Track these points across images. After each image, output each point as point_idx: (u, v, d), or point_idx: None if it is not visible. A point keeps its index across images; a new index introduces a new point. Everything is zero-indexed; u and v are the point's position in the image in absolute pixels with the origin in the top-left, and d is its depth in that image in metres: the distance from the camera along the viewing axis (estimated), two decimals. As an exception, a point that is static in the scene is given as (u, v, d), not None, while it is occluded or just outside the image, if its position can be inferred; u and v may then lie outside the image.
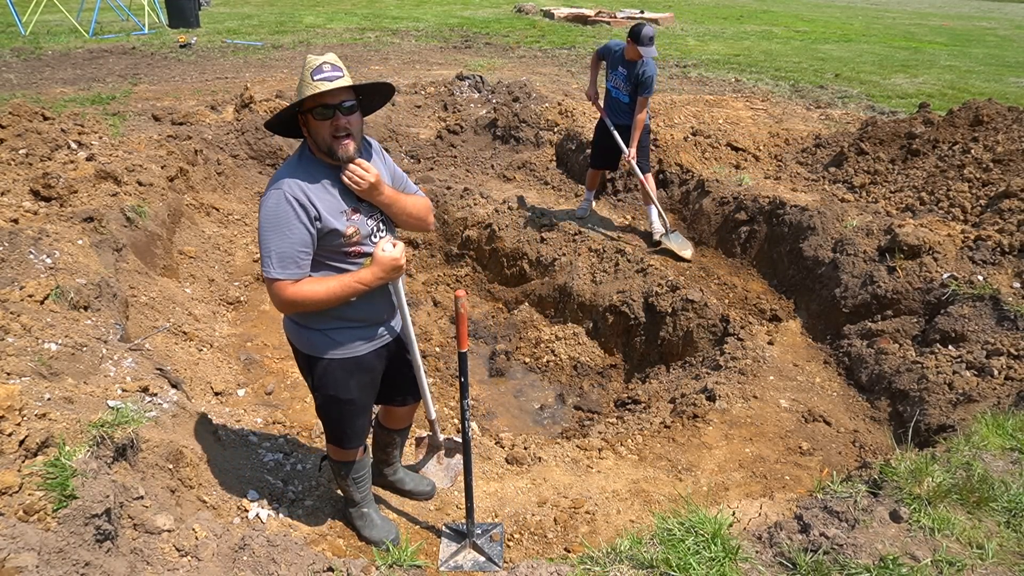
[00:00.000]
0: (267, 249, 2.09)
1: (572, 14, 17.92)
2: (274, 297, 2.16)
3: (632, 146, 5.25)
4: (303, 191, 2.09)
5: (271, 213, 2.08)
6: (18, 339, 2.77)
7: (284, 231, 2.08)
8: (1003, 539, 2.19)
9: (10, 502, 1.89)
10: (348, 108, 2.10)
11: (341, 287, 2.17)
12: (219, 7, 19.43)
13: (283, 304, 2.16)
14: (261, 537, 2.29)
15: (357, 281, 2.19)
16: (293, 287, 2.13)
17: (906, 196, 5.45)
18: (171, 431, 2.75)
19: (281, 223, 2.08)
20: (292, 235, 2.08)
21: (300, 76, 2.08)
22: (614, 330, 5.08)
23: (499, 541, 2.82)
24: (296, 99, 2.09)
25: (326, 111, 2.06)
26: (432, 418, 2.85)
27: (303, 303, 2.16)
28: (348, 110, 2.10)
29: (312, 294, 2.14)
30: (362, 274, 2.20)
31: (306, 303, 2.16)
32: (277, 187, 2.10)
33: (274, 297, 2.16)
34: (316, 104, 2.06)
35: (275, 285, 2.12)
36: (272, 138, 7.10)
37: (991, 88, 10.21)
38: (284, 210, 2.07)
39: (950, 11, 24.44)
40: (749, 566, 2.12)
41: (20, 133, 5.18)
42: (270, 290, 2.15)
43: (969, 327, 3.81)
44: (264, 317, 4.76)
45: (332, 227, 2.14)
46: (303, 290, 2.13)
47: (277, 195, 2.08)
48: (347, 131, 2.10)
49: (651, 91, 5.08)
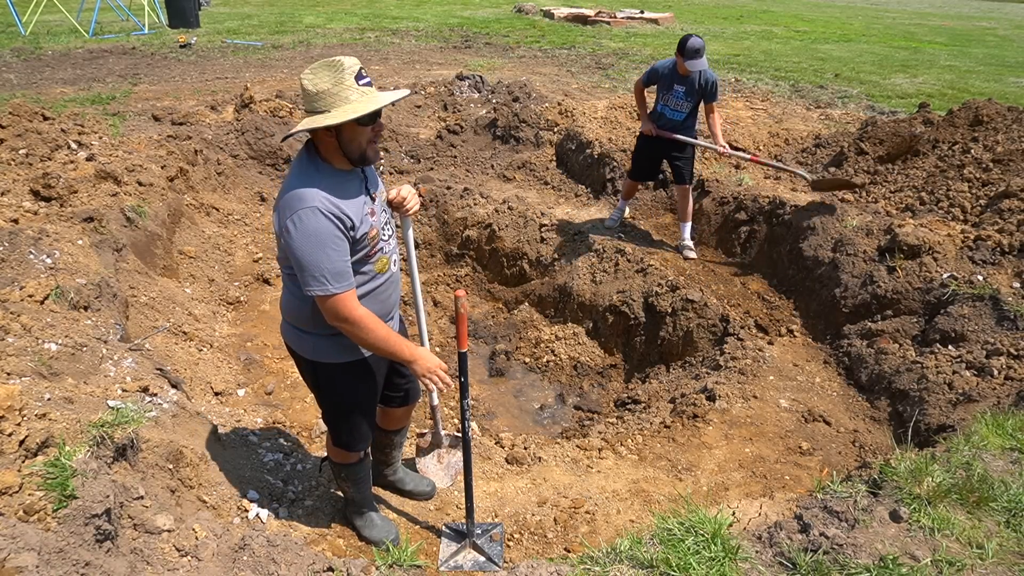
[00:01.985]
0: (317, 268, 2.03)
1: (572, 14, 17.93)
2: (334, 312, 2.11)
3: (720, 140, 5.12)
4: (333, 203, 2.05)
5: (312, 231, 2.01)
6: (18, 339, 2.77)
7: (329, 248, 2.03)
8: (1003, 539, 2.19)
9: (10, 502, 1.89)
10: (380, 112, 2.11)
11: (388, 343, 2.18)
12: (219, 7, 19.42)
13: (343, 320, 2.12)
14: (261, 537, 2.29)
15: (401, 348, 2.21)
16: (360, 309, 2.12)
17: (906, 196, 5.45)
18: (171, 431, 2.75)
19: (325, 240, 2.02)
20: (337, 250, 2.05)
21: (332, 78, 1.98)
22: (614, 330, 5.08)
23: (499, 541, 2.82)
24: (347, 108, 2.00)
25: (371, 117, 2.05)
26: (435, 404, 2.85)
27: (359, 329, 2.13)
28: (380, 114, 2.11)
29: (370, 330, 2.13)
30: (405, 348, 2.22)
31: (361, 331, 2.14)
32: (308, 203, 2.02)
33: (334, 312, 2.11)
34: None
35: (336, 299, 2.07)
36: (272, 138, 7.10)
37: (991, 88, 10.21)
38: (325, 227, 2.02)
39: (950, 11, 24.44)
40: (749, 566, 2.12)
41: (20, 133, 5.18)
42: (327, 305, 2.09)
43: (969, 327, 3.81)
44: (264, 317, 4.76)
45: (362, 232, 2.14)
46: (367, 320, 2.13)
47: (312, 212, 2.01)
48: (379, 135, 2.13)
49: (717, 97, 5.01)
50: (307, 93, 2.01)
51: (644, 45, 14.05)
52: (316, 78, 1.99)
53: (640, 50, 13.39)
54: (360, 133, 2.07)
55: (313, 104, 2.01)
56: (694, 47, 4.69)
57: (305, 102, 2.04)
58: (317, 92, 1.99)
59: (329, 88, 1.98)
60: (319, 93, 1.99)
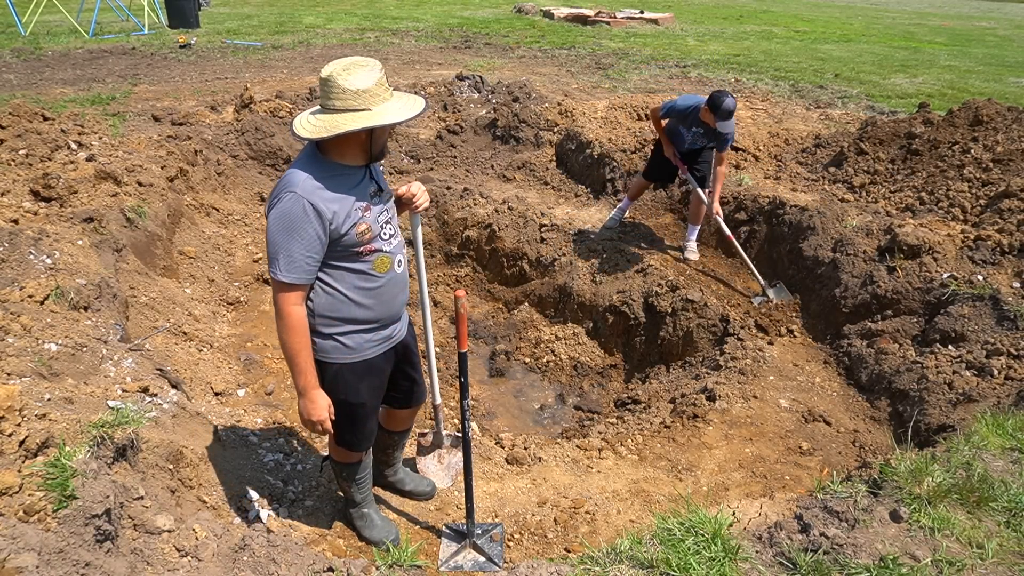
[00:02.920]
0: (276, 249, 2.08)
1: (572, 14, 17.93)
2: (274, 295, 2.17)
3: (715, 202, 5.03)
4: (319, 195, 2.07)
5: (285, 215, 2.06)
6: (18, 339, 2.77)
7: (295, 235, 2.06)
8: (1003, 539, 2.19)
9: (10, 502, 1.89)
10: None
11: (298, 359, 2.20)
12: (219, 7, 19.43)
13: (277, 308, 2.16)
14: (261, 537, 2.29)
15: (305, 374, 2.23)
16: (293, 307, 2.15)
17: (906, 196, 5.45)
18: (171, 431, 2.75)
19: (294, 227, 2.06)
20: (303, 240, 2.07)
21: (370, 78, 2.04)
22: (614, 330, 5.08)
23: (499, 541, 2.82)
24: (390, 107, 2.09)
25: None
26: (437, 403, 2.85)
27: (281, 323, 2.16)
28: None
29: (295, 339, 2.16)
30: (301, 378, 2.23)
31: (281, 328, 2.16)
32: (291, 188, 2.06)
33: (274, 295, 2.17)
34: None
35: (278, 286, 2.13)
36: (272, 138, 7.10)
37: (991, 88, 10.22)
38: (298, 214, 2.05)
39: (950, 11, 24.44)
40: (749, 566, 2.12)
41: (20, 133, 5.18)
42: (273, 288, 2.16)
43: (969, 327, 3.81)
44: (264, 317, 4.76)
45: (347, 228, 2.15)
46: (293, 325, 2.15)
47: (293, 198, 2.05)
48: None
49: (727, 147, 4.88)
50: (345, 92, 2.03)
51: (644, 45, 14.05)
52: (354, 78, 2.03)
53: (640, 50, 13.39)
54: (386, 130, 2.17)
55: (350, 103, 2.04)
56: (728, 109, 4.48)
57: (338, 100, 2.04)
58: (357, 91, 2.03)
59: (370, 88, 2.04)
60: (359, 92, 2.03)
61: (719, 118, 4.54)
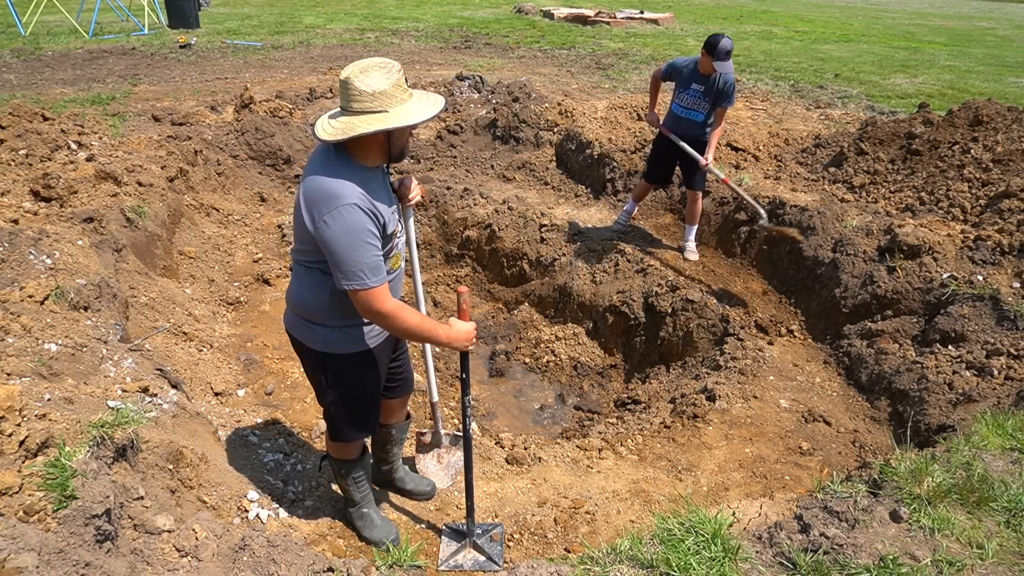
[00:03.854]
0: (356, 264, 2.07)
1: (572, 14, 17.93)
2: (369, 305, 2.13)
3: (710, 152, 4.92)
4: (369, 200, 2.10)
5: (351, 228, 2.05)
6: (18, 339, 2.77)
7: (368, 243, 2.08)
8: (1003, 539, 2.19)
9: (10, 502, 1.89)
10: None
11: (425, 328, 2.22)
12: (219, 7, 19.43)
13: (372, 312, 2.15)
14: (261, 537, 2.29)
15: (436, 331, 2.23)
16: (392, 300, 2.16)
17: (906, 196, 5.45)
18: (171, 431, 2.75)
19: (363, 236, 2.07)
20: (373, 244, 2.10)
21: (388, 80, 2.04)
22: (614, 330, 5.08)
23: (499, 541, 2.82)
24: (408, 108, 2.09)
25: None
26: (435, 400, 2.86)
27: (395, 319, 2.17)
28: None
29: (406, 320, 2.17)
30: (440, 331, 2.25)
31: (395, 322, 2.17)
32: (347, 200, 2.05)
33: (369, 305, 2.13)
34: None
35: (372, 293, 2.11)
36: (272, 138, 7.10)
37: (991, 88, 10.22)
38: (364, 223, 2.06)
39: (950, 11, 24.45)
40: (749, 566, 2.12)
41: (20, 133, 5.18)
42: (363, 299, 2.12)
43: (969, 327, 3.81)
44: (264, 317, 4.76)
45: (391, 230, 2.20)
46: (401, 310, 2.16)
47: (351, 209, 2.05)
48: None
49: (732, 101, 4.78)
50: (361, 94, 2.02)
51: (644, 45, 14.05)
52: (371, 79, 2.03)
53: (640, 50, 13.39)
54: (406, 132, 2.16)
55: (367, 104, 2.04)
56: (725, 48, 4.47)
57: (355, 102, 2.04)
58: (374, 93, 2.03)
59: (387, 89, 2.03)
60: (376, 94, 2.03)
61: (716, 58, 4.51)
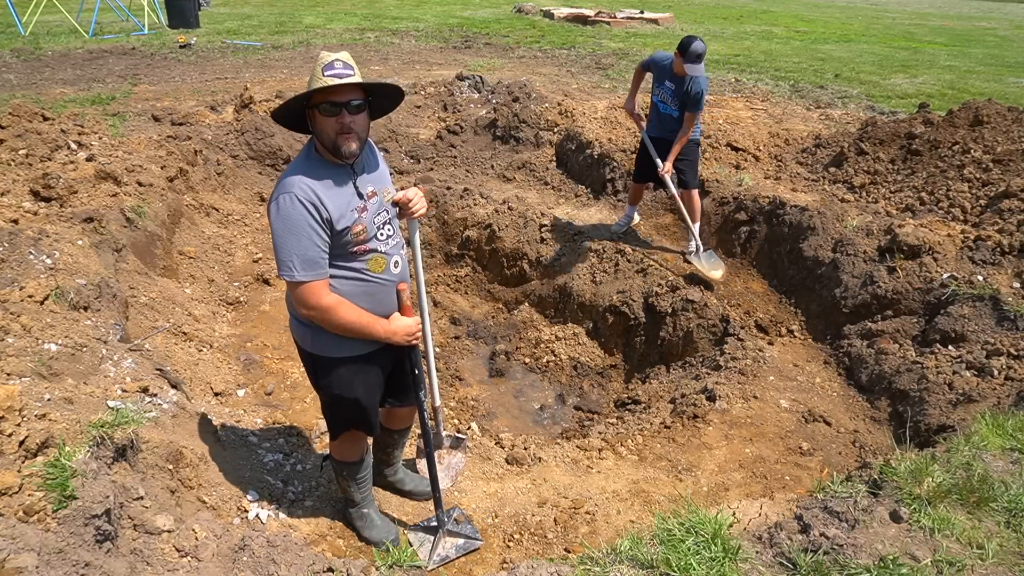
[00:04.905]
0: (287, 253, 2.09)
1: (572, 14, 17.92)
2: (300, 299, 2.15)
3: (669, 161, 4.90)
4: (314, 192, 2.10)
5: (286, 217, 2.08)
6: (18, 339, 2.77)
7: (301, 234, 2.08)
8: (1003, 539, 2.19)
9: (10, 502, 1.89)
10: (355, 107, 2.11)
11: (362, 324, 2.22)
12: (219, 7, 19.42)
13: (309, 307, 2.16)
14: (261, 538, 2.29)
15: (374, 327, 2.24)
16: (328, 297, 2.15)
17: (906, 196, 5.45)
18: (171, 431, 2.75)
19: (297, 226, 2.07)
20: (310, 237, 2.09)
21: (312, 71, 2.08)
22: (614, 330, 5.08)
23: (465, 520, 2.88)
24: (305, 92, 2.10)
25: (333, 108, 2.08)
26: (436, 405, 2.85)
27: (328, 317, 2.17)
28: (355, 109, 2.11)
29: (342, 315, 2.18)
30: (378, 326, 2.26)
31: (331, 318, 2.17)
32: (288, 190, 2.08)
33: (300, 299, 2.15)
34: (324, 100, 2.07)
35: (303, 288, 2.12)
36: (272, 138, 7.10)
37: (991, 88, 10.21)
38: (299, 213, 2.07)
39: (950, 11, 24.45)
40: (749, 566, 2.12)
41: (20, 133, 5.17)
42: (295, 293, 2.14)
43: (969, 327, 3.81)
44: (264, 317, 4.76)
45: (342, 226, 2.16)
46: (336, 308, 2.16)
47: (290, 198, 2.07)
48: (351, 129, 2.11)
49: (700, 108, 4.77)
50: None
51: (644, 45, 14.05)
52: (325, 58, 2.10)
53: (640, 50, 13.39)
54: (325, 124, 2.11)
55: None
56: (696, 52, 4.51)
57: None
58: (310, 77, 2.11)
59: (309, 78, 2.10)
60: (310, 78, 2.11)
61: (687, 60, 4.54)
